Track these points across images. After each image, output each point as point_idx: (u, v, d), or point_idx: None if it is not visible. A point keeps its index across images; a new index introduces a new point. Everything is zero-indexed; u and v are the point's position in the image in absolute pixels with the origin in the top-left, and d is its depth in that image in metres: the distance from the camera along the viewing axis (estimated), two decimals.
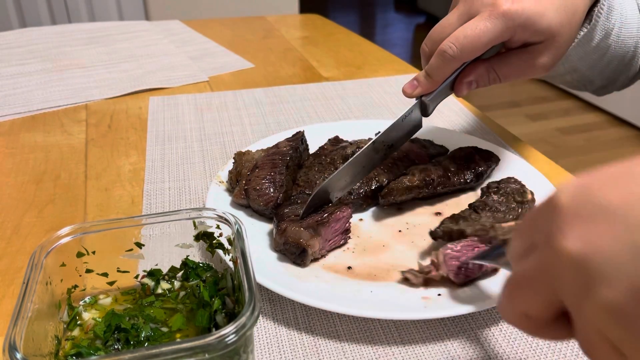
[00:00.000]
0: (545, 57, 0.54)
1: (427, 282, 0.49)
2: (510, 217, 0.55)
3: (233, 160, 0.64)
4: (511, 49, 0.55)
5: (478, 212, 0.55)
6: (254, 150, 0.66)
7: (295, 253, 0.50)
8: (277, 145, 0.65)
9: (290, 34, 1.35)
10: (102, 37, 1.27)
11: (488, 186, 0.60)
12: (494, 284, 0.47)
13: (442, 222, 0.54)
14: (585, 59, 0.64)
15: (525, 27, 0.50)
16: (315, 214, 0.53)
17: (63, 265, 0.42)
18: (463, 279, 0.47)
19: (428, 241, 0.54)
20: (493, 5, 0.50)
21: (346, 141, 0.71)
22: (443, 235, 0.52)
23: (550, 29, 0.51)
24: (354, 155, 0.57)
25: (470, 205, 0.57)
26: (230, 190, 0.62)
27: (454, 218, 0.54)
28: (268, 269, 0.50)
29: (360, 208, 0.60)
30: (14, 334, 0.34)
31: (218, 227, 0.46)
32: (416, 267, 0.50)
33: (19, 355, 0.32)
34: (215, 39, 1.27)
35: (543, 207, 0.27)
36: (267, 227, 0.57)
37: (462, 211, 0.56)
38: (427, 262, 0.50)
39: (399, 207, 0.60)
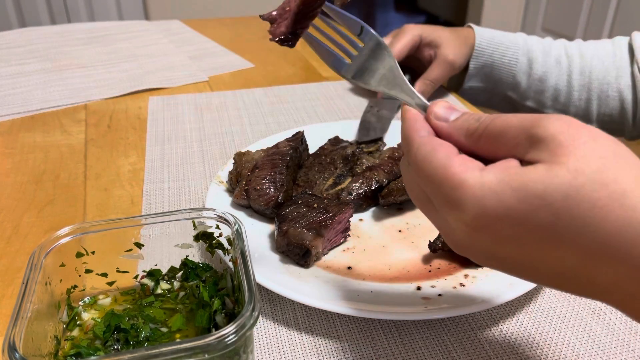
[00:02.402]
0: (448, 51, 0.85)
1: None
2: None
3: (233, 161, 0.64)
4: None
5: None
6: (253, 151, 0.66)
7: (299, 254, 0.50)
8: (277, 146, 0.65)
9: None
10: (102, 37, 1.27)
11: None
12: (494, 285, 0.47)
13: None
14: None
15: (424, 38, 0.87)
16: (318, 215, 0.53)
17: (62, 265, 0.42)
18: None
19: (428, 240, 0.54)
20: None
21: (346, 141, 0.71)
22: (442, 246, 0.52)
23: (440, 37, 0.86)
24: None
25: None
26: (231, 190, 0.62)
27: None
28: (268, 269, 0.50)
29: (360, 208, 0.60)
30: (14, 334, 0.33)
31: (218, 227, 0.46)
32: (416, 266, 0.49)
33: (18, 356, 0.32)
34: (215, 39, 1.27)
35: (450, 190, 0.30)
36: (267, 227, 0.57)
37: None
38: None
39: (399, 207, 0.60)
